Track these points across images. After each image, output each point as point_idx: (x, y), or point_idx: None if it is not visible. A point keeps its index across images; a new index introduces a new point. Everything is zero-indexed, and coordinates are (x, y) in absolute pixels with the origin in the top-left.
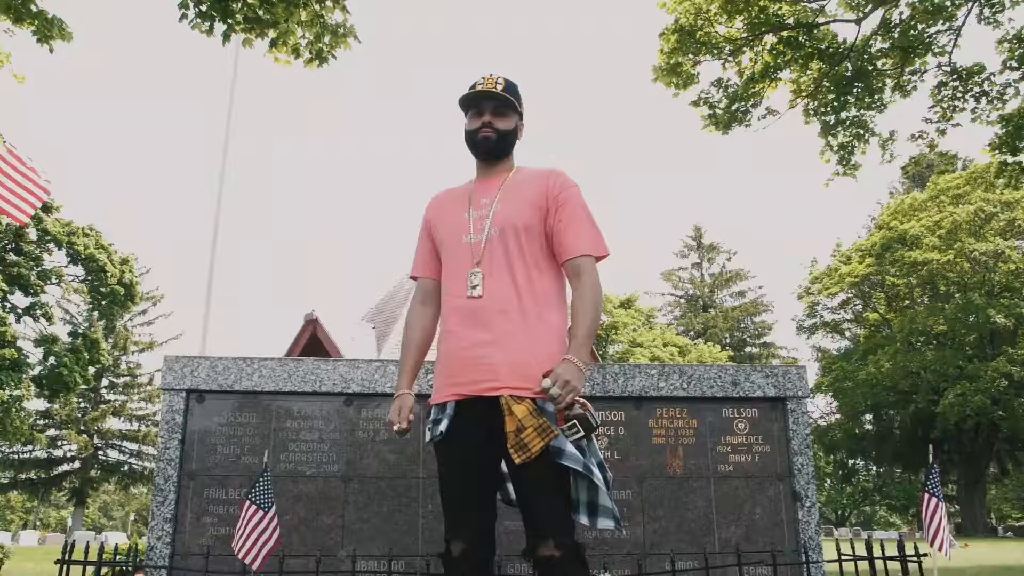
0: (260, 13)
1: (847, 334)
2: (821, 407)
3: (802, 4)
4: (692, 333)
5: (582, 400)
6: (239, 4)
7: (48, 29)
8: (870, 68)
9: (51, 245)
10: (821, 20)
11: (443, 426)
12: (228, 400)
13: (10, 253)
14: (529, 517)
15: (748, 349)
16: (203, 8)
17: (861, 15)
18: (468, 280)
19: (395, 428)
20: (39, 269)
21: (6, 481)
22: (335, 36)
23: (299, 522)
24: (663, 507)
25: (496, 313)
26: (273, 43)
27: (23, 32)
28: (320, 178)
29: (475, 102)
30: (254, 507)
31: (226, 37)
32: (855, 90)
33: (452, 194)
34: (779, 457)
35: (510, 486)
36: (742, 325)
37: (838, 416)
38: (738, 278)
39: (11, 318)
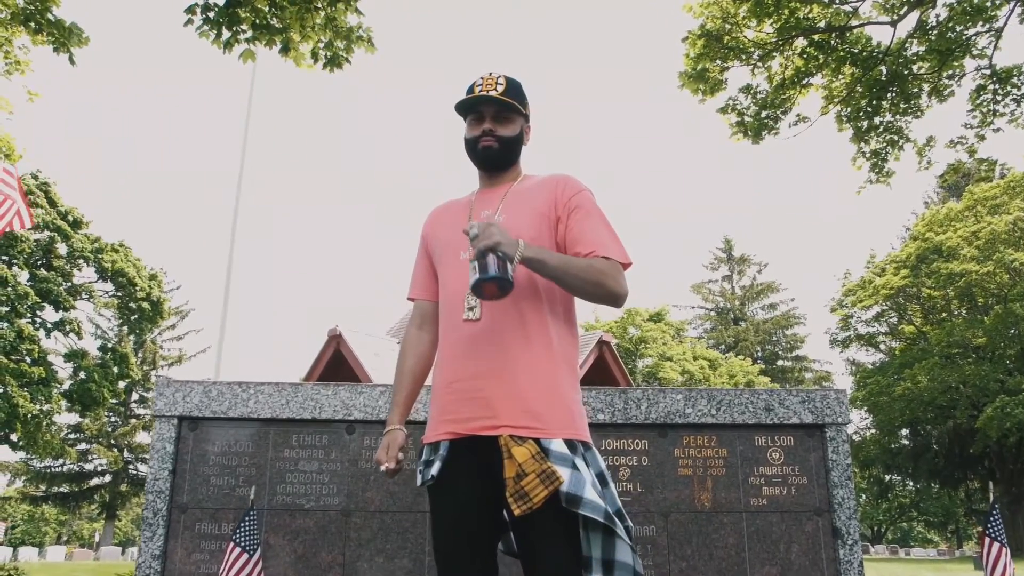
0: (270, 20)
1: (882, 347)
2: (856, 422)
3: (835, 7)
4: (723, 347)
5: (503, 254)
6: (247, 11)
7: (66, 38)
8: (905, 72)
9: (80, 261)
10: (854, 23)
11: (434, 469)
12: (222, 427)
13: (41, 269)
14: (532, 574)
15: (780, 363)
16: (210, 15)
17: (896, 17)
18: (465, 301)
19: (382, 468)
20: (68, 285)
21: (39, 494)
22: (349, 40)
23: (296, 559)
24: (691, 544)
25: (496, 339)
26: (284, 50)
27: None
28: (347, 190)
29: (474, 107)
30: (239, 549)
31: (228, 46)
32: (890, 95)
33: (451, 207)
34: (817, 490)
35: (513, 534)
36: (774, 338)
37: (873, 431)
38: (769, 290)
39: (40, 333)
